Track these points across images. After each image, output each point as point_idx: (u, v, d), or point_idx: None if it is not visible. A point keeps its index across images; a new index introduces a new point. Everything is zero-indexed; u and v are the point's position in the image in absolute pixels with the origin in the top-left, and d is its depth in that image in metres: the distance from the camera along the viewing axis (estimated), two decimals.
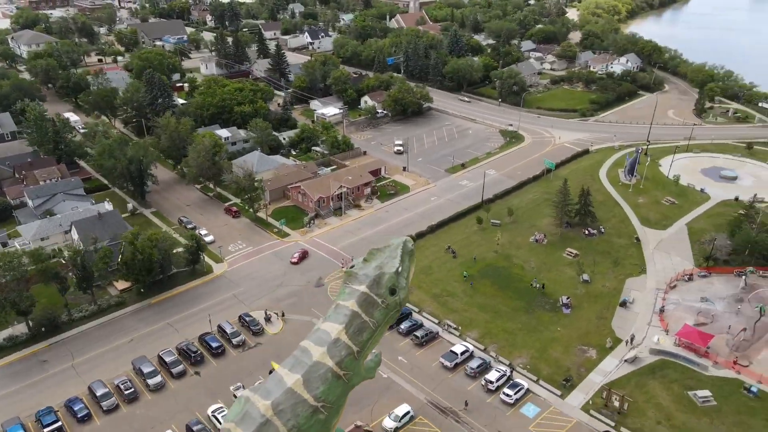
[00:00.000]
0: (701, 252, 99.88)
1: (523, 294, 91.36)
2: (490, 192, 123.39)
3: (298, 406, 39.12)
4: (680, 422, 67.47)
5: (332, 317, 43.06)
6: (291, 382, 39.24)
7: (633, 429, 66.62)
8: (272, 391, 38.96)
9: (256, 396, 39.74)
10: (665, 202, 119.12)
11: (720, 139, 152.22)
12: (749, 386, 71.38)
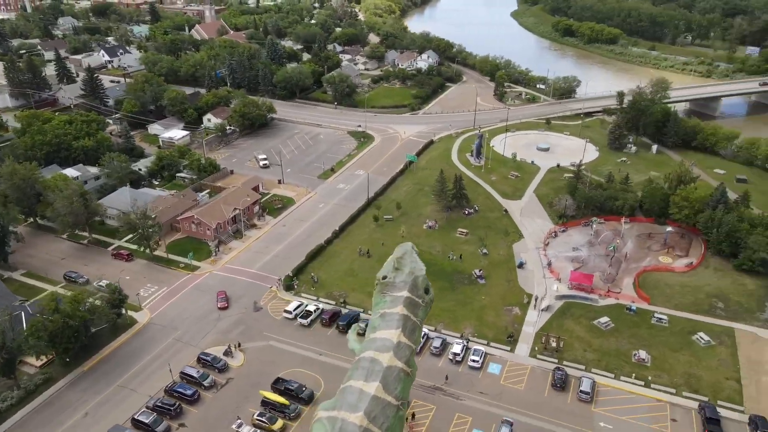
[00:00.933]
0: (554, 212, 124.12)
1: (442, 275, 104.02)
2: (370, 190, 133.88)
3: (386, 409, 47.20)
4: (597, 346, 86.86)
5: (384, 325, 51.16)
6: (373, 390, 46.63)
7: (570, 360, 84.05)
8: (357, 403, 46.22)
9: (343, 412, 46.65)
10: (511, 176, 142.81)
11: (525, 118, 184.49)
12: (629, 306, 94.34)
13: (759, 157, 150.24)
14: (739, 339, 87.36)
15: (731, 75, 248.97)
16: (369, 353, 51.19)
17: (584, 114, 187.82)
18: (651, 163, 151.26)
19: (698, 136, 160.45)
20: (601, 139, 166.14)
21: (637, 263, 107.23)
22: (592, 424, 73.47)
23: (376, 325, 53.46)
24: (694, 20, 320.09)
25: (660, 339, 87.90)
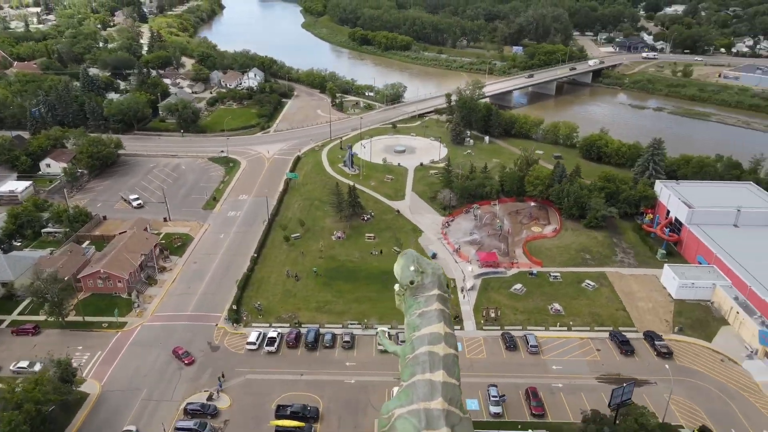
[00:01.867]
0: (438, 205, 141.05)
1: (373, 278, 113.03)
2: (262, 212, 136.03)
3: (454, 390, 59.42)
4: (522, 308, 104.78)
5: (425, 322, 62.03)
6: (440, 377, 58.34)
7: (508, 324, 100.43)
8: (431, 392, 57.36)
9: (422, 403, 57.28)
10: (386, 180, 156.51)
11: (372, 125, 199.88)
12: (531, 272, 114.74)
13: (561, 137, 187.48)
14: (611, 279, 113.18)
15: (507, 71, 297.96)
16: (423, 348, 60.54)
17: (419, 115, 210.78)
18: (489, 152, 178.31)
19: (515, 125, 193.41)
20: (443, 136, 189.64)
21: (519, 236, 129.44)
22: (547, 369, 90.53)
23: (417, 324, 62.74)
24: (467, 26, 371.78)
25: (561, 292, 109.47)
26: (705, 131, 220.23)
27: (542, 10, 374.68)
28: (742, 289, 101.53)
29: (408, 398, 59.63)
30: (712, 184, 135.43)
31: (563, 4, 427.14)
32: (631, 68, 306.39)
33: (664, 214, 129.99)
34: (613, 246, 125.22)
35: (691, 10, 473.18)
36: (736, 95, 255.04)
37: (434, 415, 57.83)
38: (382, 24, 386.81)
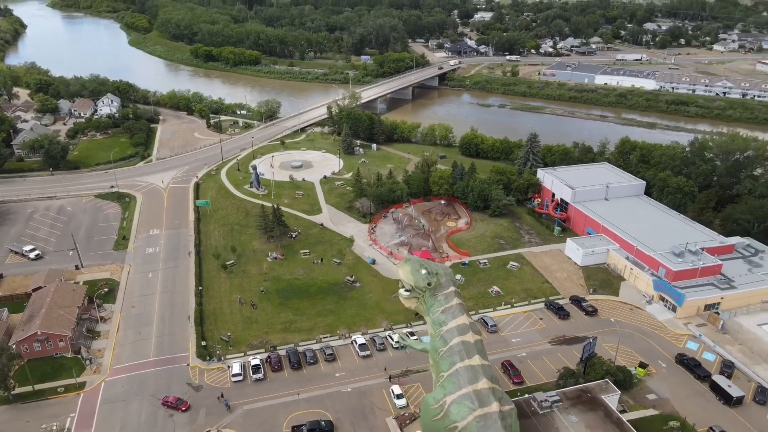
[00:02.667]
0: (357, 214, 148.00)
1: (324, 291, 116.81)
2: (183, 244, 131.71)
3: (491, 370, 71.02)
4: (468, 295, 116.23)
5: (450, 317, 72.20)
6: (479, 361, 69.36)
7: None
8: (475, 375, 68.05)
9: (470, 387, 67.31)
10: (297, 196, 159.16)
11: (259, 143, 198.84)
12: (463, 262, 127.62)
13: (438, 138, 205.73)
14: (528, 258, 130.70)
15: (361, 79, 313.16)
16: (456, 339, 69.45)
17: (301, 129, 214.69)
18: (381, 159, 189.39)
19: (397, 131, 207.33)
20: (332, 148, 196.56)
21: (438, 232, 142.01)
22: (509, 343, 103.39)
23: (442, 320, 71.31)
24: (312, 38, 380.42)
25: (493, 275, 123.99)
26: (543, 122, 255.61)
27: (379, 20, 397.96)
28: (629, 250, 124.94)
29: (455, 385, 67.31)
30: (579, 168, 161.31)
31: (390, 14, 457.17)
32: (468, 71, 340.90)
33: (549, 197, 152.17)
34: (518, 230, 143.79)
35: (497, 16, 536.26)
36: (557, 90, 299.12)
37: (484, 394, 66.46)
38: (224, 39, 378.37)
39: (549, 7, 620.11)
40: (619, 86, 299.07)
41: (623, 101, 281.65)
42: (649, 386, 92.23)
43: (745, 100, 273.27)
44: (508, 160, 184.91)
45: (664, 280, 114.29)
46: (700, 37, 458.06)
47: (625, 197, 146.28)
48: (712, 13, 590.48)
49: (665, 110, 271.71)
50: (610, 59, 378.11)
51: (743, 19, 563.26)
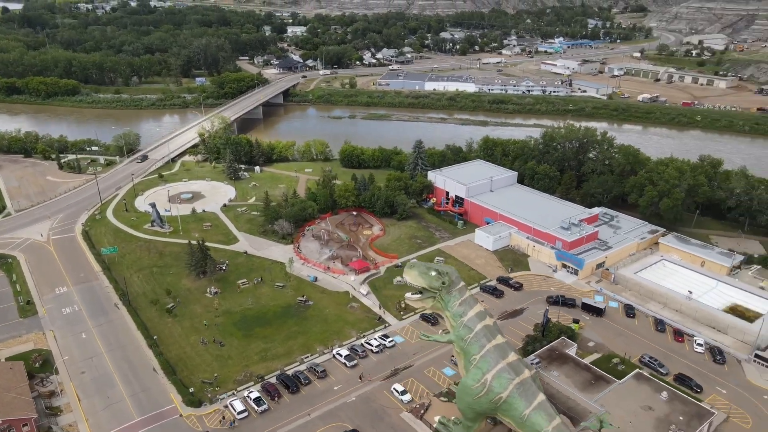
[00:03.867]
0: (276, 236, 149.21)
1: (282, 315, 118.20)
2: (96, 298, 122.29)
3: (511, 345, 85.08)
4: None
5: (468, 308, 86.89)
6: (503, 340, 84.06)
7: (407, 311, 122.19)
8: (503, 351, 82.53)
9: (502, 362, 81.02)
10: (206, 227, 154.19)
11: (135, 179, 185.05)
12: (396, 264, 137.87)
13: (317, 153, 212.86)
14: (447, 251, 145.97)
15: (202, 102, 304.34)
16: (479, 325, 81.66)
17: (172, 159, 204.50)
18: (269, 180, 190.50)
19: (274, 152, 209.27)
20: (213, 174, 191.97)
21: (360, 242, 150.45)
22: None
23: (461, 312, 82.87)
24: (135, 63, 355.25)
25: None
26: (397, 128, 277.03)
27: (204, 40, 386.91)
28: (527, 231, 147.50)
29: (490, 363, 78.34)
30: (459, 167, 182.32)
31: (206, 33, 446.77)
32: (307, 85, 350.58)
33: (444, 196, 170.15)
34: (427, 228, 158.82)
35: (312, 31, 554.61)
36: (396, 98, 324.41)
37: (515, 365, 78.63)
38: (25, 69, 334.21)
39: (353, 20, 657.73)
40: (446, 91, 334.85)
41: (454, 104, 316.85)
42: (586, 336, 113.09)
43: (546, 96, 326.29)
44: (389, 167, 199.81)
45: (562, 250, 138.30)
46: (489, 44, 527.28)
47: (504, 187, 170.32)
48: (490, 22, 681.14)
49: (489, 109, 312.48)
50: (427, 67, 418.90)
51: (515, 26, 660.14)
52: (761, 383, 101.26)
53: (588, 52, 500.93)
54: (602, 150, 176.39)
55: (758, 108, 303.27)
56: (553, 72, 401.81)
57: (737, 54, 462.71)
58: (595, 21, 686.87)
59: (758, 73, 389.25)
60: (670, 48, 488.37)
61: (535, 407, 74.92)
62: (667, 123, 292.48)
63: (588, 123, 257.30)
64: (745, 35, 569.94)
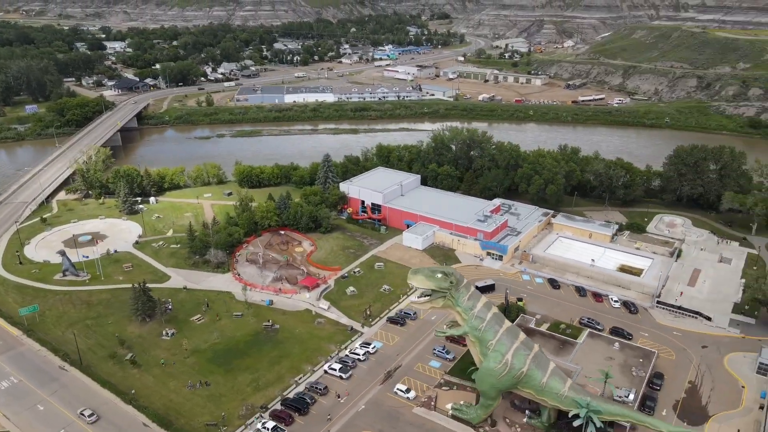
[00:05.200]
0: (212, 267, 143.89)
1: (255, 343, 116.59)
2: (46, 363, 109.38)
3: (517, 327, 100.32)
4: (370, 300, 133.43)
5: (475, 301, 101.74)
6: (510, 324, 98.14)
7: (377, 314, 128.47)
8: (515, 333, 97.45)
9: (517, 341, 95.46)
10: (127, 269, 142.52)
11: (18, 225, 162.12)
12: (343, 276, 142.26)
13: (211, 177, 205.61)
14: (382, 256, 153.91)
15: (42, 132, 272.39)
16: (489, 315, 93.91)
17: (45, 200, 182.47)
18: (170, 210, 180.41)
19: (165, 180, 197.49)
20: (106, 211, 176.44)
21: (297, 260, 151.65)
22: (431, 322, 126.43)
23: (471, 305, 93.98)
24: None
25: (373, 278, 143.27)
26: (275, 143, 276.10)
27: (24, 62, 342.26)
28: (449, 227, 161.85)
29: (506, 345, 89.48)
30: (366, 175, 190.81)
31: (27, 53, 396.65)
32: (158, 106, 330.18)
33: (360, 204, 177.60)
34: (353, 237, 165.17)
35: (137, 46, 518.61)
36: (258, 113, 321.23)
37: (526, 342, 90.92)
38: None
39: (176, 33, 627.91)
40: (307, 102, 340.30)
41: (318, 114, 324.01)
42: (532, 310, 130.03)
43: (401, 101, 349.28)
44: (290, 183, 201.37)
45: (485, 240, 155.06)
46: (326, 53, 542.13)
47: (412, 190, 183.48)
48: (318, 31, 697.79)
49: (353, 117, 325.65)
50: (275, 79, 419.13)
51: (344, 35, 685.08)
52: (667, 323, 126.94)
53: (418, 58, 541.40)
54: (487, 148, 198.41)
55: (573, 101, 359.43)
56: (396, 78, 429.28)
57: (539, 55, 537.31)
58: (415, 29, 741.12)
59: (561, 71, 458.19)
60: (486, 51, 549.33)
61: (549, 374, 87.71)
62: (507, 119, 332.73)
63: (443, 123, 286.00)
64: (539, 38, 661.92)
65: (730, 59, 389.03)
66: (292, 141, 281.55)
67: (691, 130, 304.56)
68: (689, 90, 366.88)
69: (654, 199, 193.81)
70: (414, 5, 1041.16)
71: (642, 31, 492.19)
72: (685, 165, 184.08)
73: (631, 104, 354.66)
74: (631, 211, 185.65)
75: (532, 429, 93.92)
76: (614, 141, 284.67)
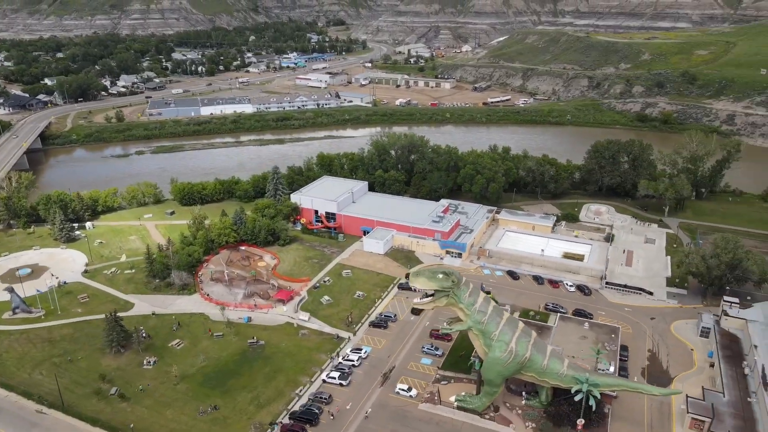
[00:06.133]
0: (176, 290, 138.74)
1: (244, 362, 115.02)
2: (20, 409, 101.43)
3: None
4: (345, 308, 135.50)
5: (477, 296, 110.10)
6: (509, 315, 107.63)
7: (357, 319, 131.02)
8: (514, 323, 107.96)
9: (518, 329, 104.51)
10: (84, 299, 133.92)
11: None
12: (315, 286, 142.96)
13: (147, 196, 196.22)
14: (347, 264, 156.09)
15: None
16: (490, 308, 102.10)
17: None
18: (112, 234, 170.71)
19: (98, 204, 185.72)
20: (38, 241, 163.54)
21: (263, 275, 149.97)
22: (413, 323, 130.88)
23: (472, 301, 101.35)
24: None
25: (343, 286, 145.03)
26: (198, 158, 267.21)
27: None
28: (406, 230, 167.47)
29: (508, 334, 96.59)
30: (314, 185, 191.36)
31: None
32: (62, 125, 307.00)
33: (313, 214, 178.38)
34: (313, 247, 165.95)
35: (20, 59, 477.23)
36: (175, 127, 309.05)
37: (525, 330, 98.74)
38: None
39: (59, 44, 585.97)
40: (225, 114, 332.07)
41: (240, 126, 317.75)
42: (501, 301, 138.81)
43: (322, 109, 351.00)
44: (234, 198, 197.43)
45: (443, 240, 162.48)
46: (231, 63, 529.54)
47: (362, 197, 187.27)
48: (217, 40, 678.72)
49: (275, 127, 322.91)
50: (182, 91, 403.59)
51: (244, 43, 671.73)
52: (618, 301, 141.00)
53: (325, 65, 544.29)
54: (425, 152, 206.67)
55: (483, 102, 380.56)
56: (309, 86, 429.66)
57: (442, 59, 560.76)
58: (315, 36, 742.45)
59: (465, 74, 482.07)
60: (392, 57, 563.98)
61: (549, 357, 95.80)
62: (426, 122, 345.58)
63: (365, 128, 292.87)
64: (437, 43, 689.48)
65: (612, 60, 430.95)
66: (219, 154, 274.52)
67: (590, 125, 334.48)
68: (582, 89, 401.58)
69: (579, 191, 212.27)
70: (308, 12, 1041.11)
71: (534, 36, 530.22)
72: (604, 158, 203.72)
73: (535, 104, 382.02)
74: (561, 203, 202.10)
75: (532, 409, 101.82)
76: (527, 138, 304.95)
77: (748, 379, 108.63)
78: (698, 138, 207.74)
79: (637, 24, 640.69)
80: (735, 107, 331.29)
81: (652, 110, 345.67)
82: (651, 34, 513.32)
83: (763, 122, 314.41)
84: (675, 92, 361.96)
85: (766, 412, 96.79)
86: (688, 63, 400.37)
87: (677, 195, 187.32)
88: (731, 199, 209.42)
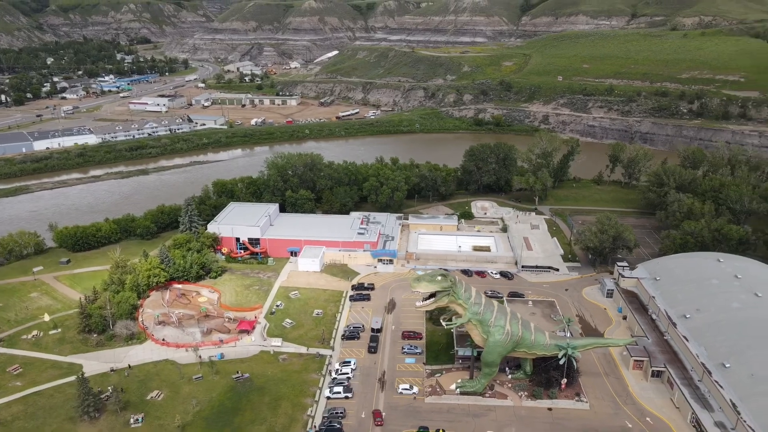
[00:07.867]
0: (123, 339, 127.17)
1: (237, 398, 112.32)
2: None
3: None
4: (309, 327, 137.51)
5: (472, 292, 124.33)
6: (499, 304, 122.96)
7: (328, 338, 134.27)
8: (505, 311, 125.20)
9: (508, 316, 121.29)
10: (14, 371, 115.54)
11: None
12: (270, 311, 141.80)
13: (31, 246, 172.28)
14: (288, 285, 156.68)
15: None
16: (483, 300, 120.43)
17: None
18: (9, 295, 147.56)
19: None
20: None
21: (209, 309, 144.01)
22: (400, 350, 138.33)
23: (468, 295, 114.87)
24: None
25: (299, 307, 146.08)
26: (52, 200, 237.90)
27: None
28: (336, 246, 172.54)
29: (502, 319, 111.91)
30: (227, 212, 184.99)
31: None
32: None
33: (234, 242, 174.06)
34: (247, 275, 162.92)
35: None
36: (9, 166, 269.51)
37: (514, 315, 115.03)
38: None
39: None
40: (65, 147, 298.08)
41: (88, 159, 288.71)
42: None
43: (176, 134, 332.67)
44: (134, 236, 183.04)
45: (374, 250, 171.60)
46: (41, 89, 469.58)
47: (277, 218, 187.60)
48: (8, 64, 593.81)
49: (131, 157, 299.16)
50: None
51: (44, 66, 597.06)
52: (535, 280, 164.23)
53: (152, 87, 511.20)
54: (323, 169, 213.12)
55: (336, 117, 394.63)
56: (147, 111, 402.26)
57: (276, 76, 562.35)
58: (127, 56, 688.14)
59: (306, 90, 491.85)
60: (225, 76, 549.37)
61: (535, 332, 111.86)
62: (287, 139, 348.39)
63: (229, 152, 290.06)
64: (263, 60, 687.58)
65: (440, 73, 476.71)
66: (76, 192, 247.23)
67: (437, 131, 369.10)
68: (420, 99, 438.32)
69: (462, 191, 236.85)
70: (104, 29, 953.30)
71: (363, 52, 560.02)
72: (480, 160, 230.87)
73: (382, 115, 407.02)
74: (451, 203, 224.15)
75: (519, 381, 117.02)
76: (387, 148, 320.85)
77: (657, 323, 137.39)
78: (547, 137, 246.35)
79: (443, 39, 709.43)
80: (546, 109, 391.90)
81: (484, 115, 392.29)
82: (464, 49, 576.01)
83: (571, 120, 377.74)
84: (497, 98, 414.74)
85: (679, 343, 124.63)
86: (500, 73, 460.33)
87: (543, 186, 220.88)
88: (575, 185, 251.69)
